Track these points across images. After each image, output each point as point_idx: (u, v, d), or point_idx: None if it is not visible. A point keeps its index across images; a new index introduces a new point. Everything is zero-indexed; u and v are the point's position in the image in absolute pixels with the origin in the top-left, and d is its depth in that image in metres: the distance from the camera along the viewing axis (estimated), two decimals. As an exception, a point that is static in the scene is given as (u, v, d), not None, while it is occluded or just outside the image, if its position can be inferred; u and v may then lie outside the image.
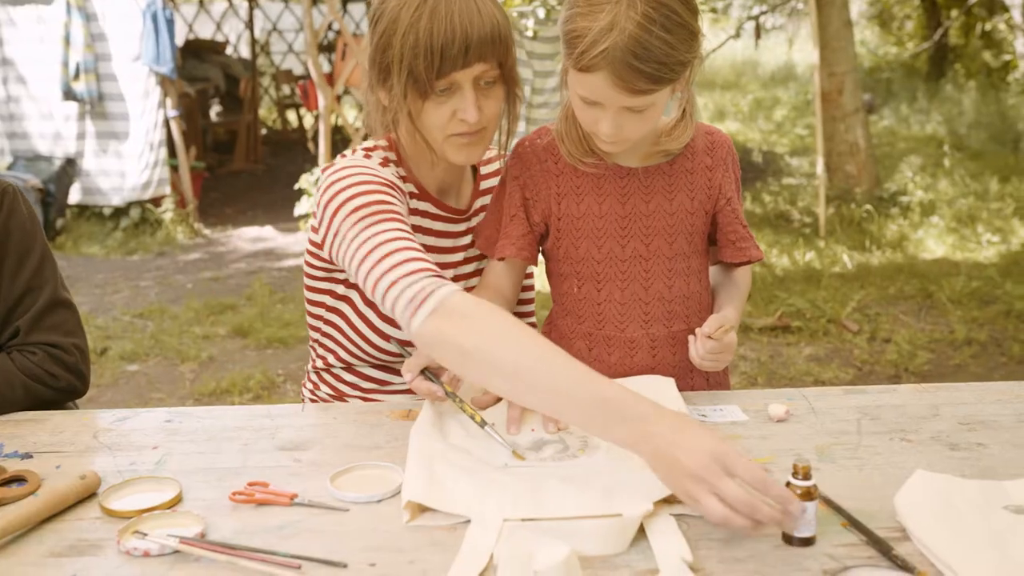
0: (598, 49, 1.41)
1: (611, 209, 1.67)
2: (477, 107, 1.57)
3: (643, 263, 1.68)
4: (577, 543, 1.18)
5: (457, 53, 1.51)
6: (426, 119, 1.59)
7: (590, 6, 1.43)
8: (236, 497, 1.33)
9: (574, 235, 1.69)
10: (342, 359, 1.81)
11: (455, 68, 1.53)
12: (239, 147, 10.22)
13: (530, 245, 1.73)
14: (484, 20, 1.53)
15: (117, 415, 1.67)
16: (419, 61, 1.52)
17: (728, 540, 1.21)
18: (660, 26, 1.41)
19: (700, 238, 1.71)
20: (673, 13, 1.43)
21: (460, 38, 1.51)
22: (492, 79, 1.59)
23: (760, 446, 1.49)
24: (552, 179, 1.70)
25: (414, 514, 1.28)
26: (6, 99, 7.78)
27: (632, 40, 1.40)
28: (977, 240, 6.66)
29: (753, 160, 9.97)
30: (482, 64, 1.55)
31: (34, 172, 7.34)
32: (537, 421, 1.56)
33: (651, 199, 1.67)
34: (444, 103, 1.57)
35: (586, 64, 1.43)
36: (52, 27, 7.38)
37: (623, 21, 1.40)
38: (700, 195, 1.69)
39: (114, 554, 1.21)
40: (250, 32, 11.72)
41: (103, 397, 4.33)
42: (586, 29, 1.42)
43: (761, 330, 4.99)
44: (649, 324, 1.70)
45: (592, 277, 1.70)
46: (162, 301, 5.83)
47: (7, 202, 1.74)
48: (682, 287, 1.70)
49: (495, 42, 1.55)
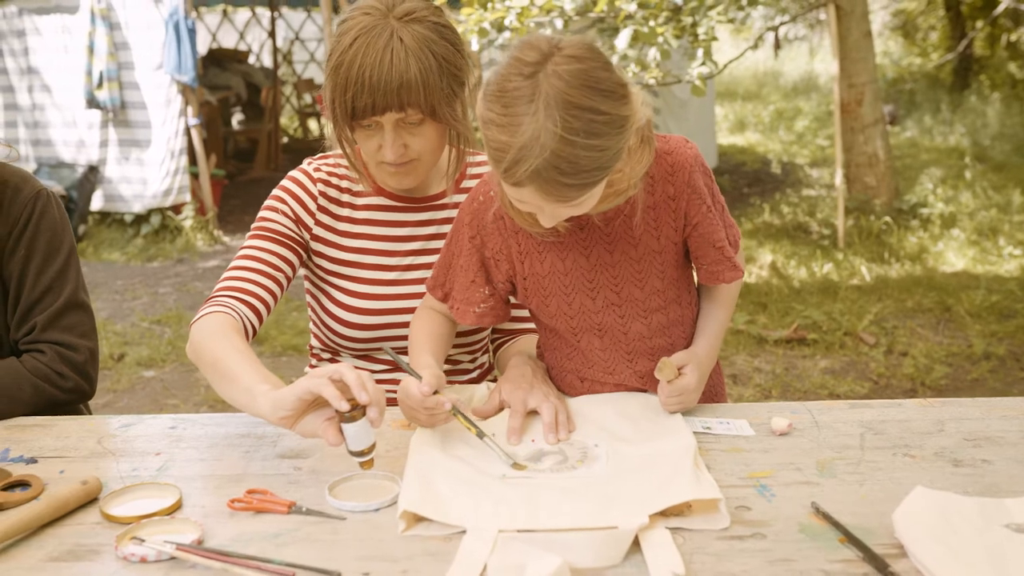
0: (522, 169, 1.31)
1: (575, 264, 1.59)
2: (400, 145, 1.66)
3: (617, 310, 1.62)
4: (572, 555, 1.18)
5: (365, 104, 1.61)
6: (361, 145, 1.71)
7: (507, 116, 1.31)
8: (234, 504, 1.34)
9: (542, 293, 1.63)
10: (324, 343, 1.89)
11: (367, 115, 1.62)
12: (260, 155, 10.29)
13: (494, 309, 1.68)
14: (394, 73, 1.59)
15: (123, 421, 1.68)
16: (337, 104, 1.64)
17: (722, 554, 1.21)
18: (584, 134, 1.30)
19: (673, 268, 1.63)
20: (596, 114, 1.31)
21: (368, 90, 1.60)
22: (416, 120, 1.65)
23: (761, 460, 1.48)
24: (511, 238, 1.62)
25: (410, 524, 1.29)
26: (31, 107, 7.89)
27: (555, 156, 1.29)
28: (998, 253, 6.60)
29: (772, 171, 9.93)
30: (394, 112, 1.61)
31: (57, 179, 7.43)
32: (537, 432, 1.57)
33: (615, 248, 1.58)
34: (371, 136, 1.68)
35: (511, 181, 1.34)
36: (77, 36, 7.48)
37: (543, 136, 1.28)
38: (666, 229, 1.58)
39: (111, 559, 1.22)
40: (272, 41, 11.81)
41: (119, 402, 4.37)
42: (506, 144, 1.31)
43: (777, 342, 4.96)
44: (634, 361, 1.66)
45: (568, 330, 1.66)
46: (180, 308, 5.87)
47: (40, 204, 1.82)
48: (661, 320, 1.65)
49: (404, 92, 1.60)
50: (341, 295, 1.83)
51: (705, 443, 1.53)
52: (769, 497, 1.36)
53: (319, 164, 1.86)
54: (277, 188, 1.84)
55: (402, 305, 1.82)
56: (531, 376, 1.68)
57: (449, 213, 1.85)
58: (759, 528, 1.27)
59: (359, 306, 1.82)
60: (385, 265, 1.83)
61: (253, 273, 1.73)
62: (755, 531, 1.27)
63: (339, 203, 1.84)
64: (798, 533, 1.26)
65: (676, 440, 1.50)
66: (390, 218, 1.85)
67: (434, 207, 1.86)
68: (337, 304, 1.83)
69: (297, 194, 1.82)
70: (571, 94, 1.30)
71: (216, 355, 1.56)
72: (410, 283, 1.84)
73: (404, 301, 1.83)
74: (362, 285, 1.82)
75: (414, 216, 1.85)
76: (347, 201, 1.84)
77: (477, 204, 1.64)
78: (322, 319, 1.87)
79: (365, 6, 1.64)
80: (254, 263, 1.75)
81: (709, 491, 1.31)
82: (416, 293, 1.83)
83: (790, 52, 20.49)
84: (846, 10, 7.02)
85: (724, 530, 1.27)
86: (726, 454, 1.50)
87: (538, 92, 1.30)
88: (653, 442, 1.51)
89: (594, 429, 1.57)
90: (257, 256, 1.76)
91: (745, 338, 4.92)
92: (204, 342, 1.59)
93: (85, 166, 7.61)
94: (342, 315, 1.82)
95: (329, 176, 1.84)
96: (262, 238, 1.78)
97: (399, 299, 1.83)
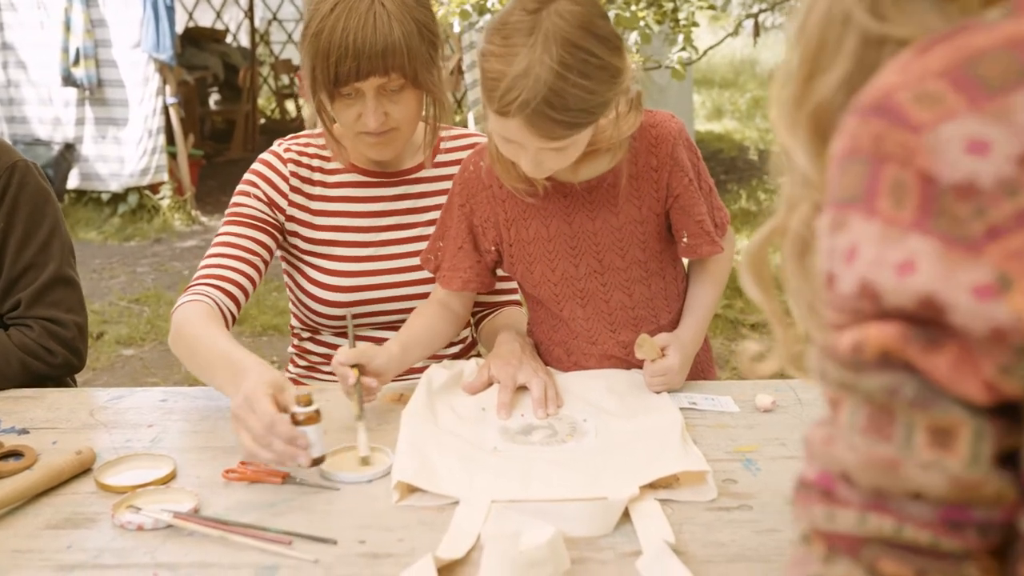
0: (512, 96, 1.36)
1: (559, 230, 1.63)
2: (381, 113, 1.66)
3: (599, 277, 1.66)
4: (563, 524, 1.20)
5: (349, 69, 1.60)
6: (338, 117, 1.70)
7: (505, 47, 1.38)
8: (229, 475, 1.36)
9: (527, 260, 1.67)
10: (304, 323, 1.90)
11: (349, 81, 1.61)
12: (237, 136, 10.21)
13: (479, 276, 1.71)
14: (378, 36, 1.59)
15: (113, 393, 1.69)
16: (319, 71, 1.63)
17: (711, 524, 1.24)
18: (577, 72, 1.36)
19: (656, 240, 1.66)
20: (591, 56, 1.37)
21: (352, 54, 1.59)
22: (397, 87, 1.65)
23: (747, 435, 1.51)
24: (499, 205, 1.66)
25: (403, 494, 1.31)
26: (6, 84, 7.77)
27: (547, 89, 1.35)
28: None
29: (750, 158, 9.99)
30: (378, 77, 1.61)
31: (32, 157, 7.22)
32: (527, 407, 1.59)
33: (596, 215, 1.62)
34: (351, 105, 1.67)
35: (499, 109, 1.39)
36: (52, 12, 7.37)
37: (538, 68, 1.35)
38: (648, 200, 1.62)
39: (108, 527, 1.23)
40: (250, 21, 11.71)
41: (99, 380, 4.35)
42: (501, 73, 1.37)
43: (753, 326, 5.02)
44: (617, 332, 1.69)
45: (552, 298, 1.69)
46: (158, 287, 5.84)
47: (17, 176, 1.78)
48: (643, 291, 1.68)
49: (388, 56, 1.60)
50: (317, 273, 1.84)
51: (691, 418, 1.56)
52: (755, 471, 1.39)
53: (289, 144, 1.86)
54: (248, 172, 1.84)
55: (379, 281, 1.84)
56: (520, 352, 1.70)
57: (424, 187, 1.86)
58: (745, 500, 1.30)
59: (335, 284, 1.83)
60: (360, 242, 1.84)
61: (229, 259, 1.74)
62: (742, 503, 1.30)
63: (311, 182, 1.84)
64: (784, 505, 1.28)
65: (663, 415, 1.53)
66: (364, 194, 1.85)
67: (407, 181, 1.87)
68: (313, 283, 1.84)
69: (268, 176, 1.82)
70: (570, 32, 1.37)
71: (196, 341, 1.57)
72: (386, 258, 1.85)
73: (380, 276, 1.84)
74: (337, 263, 1.83)
75: (388, 191, 1.86)
76: (319, 180, 1.85)
77: (468, 173, 1.68)
78: (300, 298, 1.88)
79: None
80: (230, 249, 1.75)
81: (697, 463, 1.34)
82: (393, 268, 1.84)
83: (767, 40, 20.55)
84: (826, -2, 7.06)
85: (711, 502, 1.29)
86: (712, 429, 1.53)
87: (538, 27, 1.37)
88: (640, 417, 1.54)
89: (582, 404, 1.60)
90: (232, 243, 1.76)
91: (722, 322, 4.97)
92: (183, 329, 1.60)
93: (61, 144, 7.52)
94: (319, 293, 1.83)
95: (300, 156, 1.84)
96: (236, 224, 1.79)
97: (375, 275, 1.84)
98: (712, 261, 1.74)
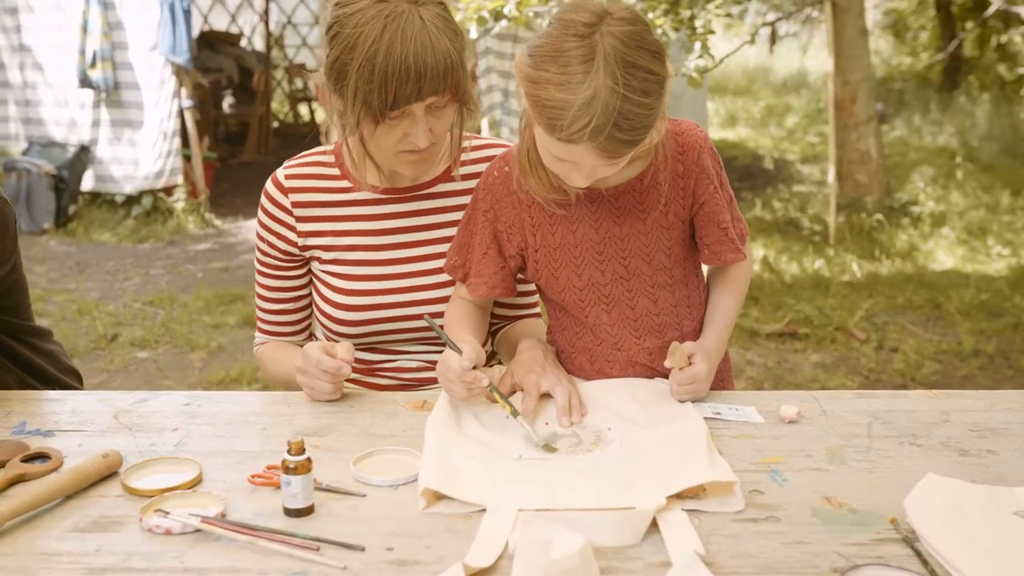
0: (579, 124, 1.36)
1: (585, 236, 1.64)
2: (428, 131, 1.63)
3: (625, 283, 1.66)
4: (590, 534, 1.19)
5: (411, 91, 1.56)
6: (377, 140, 1.66)
7: (563, 76, 1.37)
8: (255, 479, 1.36)
9: (552, 265, 1.67)
10: (326, 337, 1.89)
11: (408, 103, 1.58)
12: (250, 139, 10.24)
13: (504, 281, 1.71)
14: (438, 56, 1.56)
15: (136, 397, 1.69)
16: (373, 96, 1.57)
17: (739, 536, 1.23)
18: (639, 92, 1.37)
19: (681, 247, 1.67)
20: (649, 73, 1.39)
21: (414, 76, 1.55)
22: (443, 103, 1.63)
23: (772, 446, 1.50)
24: (524, 210, 1.66)
25: (430, 501, 1.30)
26: (23, 85, 7.82)
27: (615, 113, 1.36)
28: (987, 252, 6.66)
29: (764, 166, 9.97)
30: (434, 96, 1.59)
31: (48, 158, 7.37)
32: (551, 415, 1.58)
33: (623, 221, 1.62)
34: (396, 126, 1.63)
35: (566, 137, 1.38)
36: (70, 15, 7.41)
37: (603, 93, 1.35)
38: (675, 207, 1.63)
39: (136, 531, 1.23)
40: (265, 25, 11.75)
41: (113, 382, 4.37)
42: (564, 102, 1.36)
43: (768, 336, 5.00)
44: (642, 338, 1.69)
45: (577, 304, 1.69)
46: (172, 289, 5.86)
47: None
48: (668, 298, 1.68)
49: (448, 75, 1.58)
50: (332, 293, 1.83)
51: (715, 428, 1.55)
52: (781, 482, 1.38)
53: (294, 168, 1.83)
54: (259, 211, 1.86)
55: (395, 300, 1.82)
56: (543, 359, 1.69)
57: (440, 202, 1.84)
58: (773, 511, 1.30)
59: (351, 303, 1.81)
60: (376, 260, 1.82)
61: (275, 313, 1.91)
62: (769, 514, 1.29)
63: (319, 204, 1.82)
64: (811, 517, 1.28)
65: (687, 424, 1.52)
66: (379, 211, 1.82)
67: (423, 196, 1.84)
68: (328, 301, 1.83)
69: (272, 213, 1.83)
70: (628, 53, 1.38)
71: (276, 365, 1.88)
72: (403, 276, 1.83)
73: (397, 296, 1.82)
74: (352, 282, 1.81)
75: (404, 207, 1.83)
76: (328, 200, 1.82)
77: (492, 179, 1.69)
78: (321, 312, 1.86)
79: None
80: (270, 304, 1.90)
81: (724, 474, 1.34)
82: (410, 287, 1.82)
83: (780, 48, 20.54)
84: (842, 7, 7.05)
85: (738, 513, 1.29)
86: (737, 440, 1.52)
87: (596, 51, 1.37)
88: (665, 426, 1.53)
89: (606, 413, 1.59)
90: (268, 296, 1.90)
91: (737, 331, 4.95)
92: (268, 366, 1.92)
93: (76, 146, 7.55)
94: (334, 313, 1.82)
95: (305, 179, 1.82)
96: (264, 274, 1.89)
97: (392, 293, 1.82)
98: (733, 270, 1.74)
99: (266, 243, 1.84)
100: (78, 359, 4.59)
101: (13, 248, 1.81)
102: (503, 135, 7.13)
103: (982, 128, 11.24)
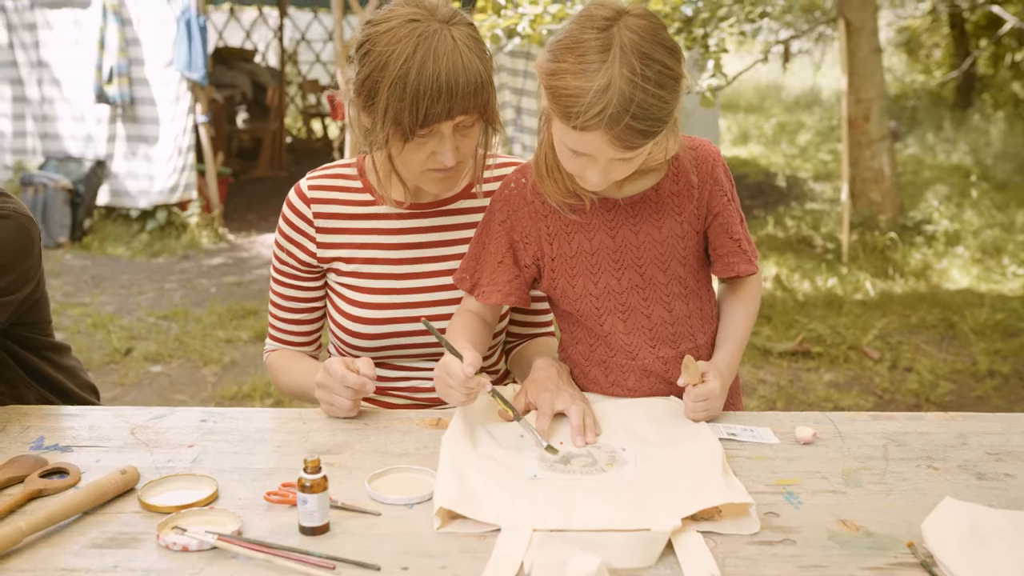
0: (595, 111, 1.40)
1: (602, 244, 1.66)
2: (455, 149, 1.64)
3: (640, 292, 1.68)
4: (607, 555, 1.19)
5: (441, 110, 1.58)
6: (405, 157, 1.67)
7: (581, 64, 1.42)
8: (271, 497, 1.36)
9: (569, 274, 1.69)
10: (340, 350, 1.89)
11: (438, 121, 1.59)
12: (264, 154, 10.30)
13: (518, 290, 1.72)
14: (469, 76, 1.58)
15: (153, 412, 1.70)
16: (404, 114, 1.59)
17: (754, 559, 1.23)
18: (654, 83, 1.41)
19: (695, 258, 1.70)
20: (664, 67, 1.43)
21: (446, 95, 1.57)
22: (471, 123, 1.65)
23: (787, 467, 1.50)
24: (541, 220, 1.68)
25: (445, 521, 1.30)
26: (40, 100, 7.90)
27: (629, 101, 1.40)
28: (1002, 272, 6.63)
29: (776, 184, 9.97)
30: (464, 115, 1.61)
31: (64, 173, 7.45)
32: (565, 434, 1.58)
33: (640, 229, 1.65)
34: (424, 144, 1.64)
35: (582, 125, 1.42)
36: (88, 31, 7.50)
37: (619, 81, 1.40)
38: (689, 217, 1.66)
39: (153, 548, 1.24)
40: (279, 41, 11.84)
41: (127, 396, 4.38)
42: (580, 90, 1.40)
43: (781, 354, 4.99)
44: (657, 347, 1.70)
45: (592, 312, 1.70)
46: (186, 304, 5.89)
47: None
48: (682, 308, 1.70)
49: (478, 95, 1.60)
50: (349, 306, 1.83)
51: (730, 449, 1.55)
52: (796, 504, 1.38)
53: (318, 179, 1.85)
54: (280, 219, 1.87)
55: (411, 313, 1.82)
56: (556, 378, 1.69)
57: (459, 219, 1.85)
58: (788, 534, 1.29)
59: (367, 316, 1.82)
60: (393, 274, 1.83)
61: (288, 322, 1.92)
62: (785, 537, 1.29)
63: (339, 216, 1.83)
64: (827, 540, 1.28)
65: (702, 445, 1.52)
66: (398, 225, 1.84)
67: (443, 212, 1.85)
68: (344, 314, 1.84)
69: (293, 222, 1.84)
70: (643, 45, 1.43)
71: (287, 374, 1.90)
72: (420, 291, 1.83)
73: (412, 310, 1.82)
74: (369, 295, 1.82)
75: (423, 222, 1.84)
76: (349, 212, 1.83)
77: (508, 191, 1.71)
78: (335, 325, 1.87)
79: (406, 12, 1.61)
80: (283, 312, 1.92)
81: (740, 496, 1.33)
82: (426, 301, 1.83)
83: (793, 66, 20.56)
84: (856, 25, 7.06)
85: (754, 535, 1.29)
86: (752, 461, 1.52)
87: (613, 42, 1.42)
88: (679, 446, 1.53)
89: (621, 432, 1.59)
90: (282, 305, 1.91)
91: (750, 349, 4.94)
92: (278, 375, 1.94)
93: (92, 160, 7.63)
94: (350, 325, 1.83)
95: (328, 190, 1.84)
96: (280, 283, 1.90)
97: (408, 307, 1.82)
98: (745, 288, 1.76)
99: (285, 252, 1.86)
100: (93, 372, 4.60)
101: (38, 266, 1.83)
102: (515, 152, 7.15)
103: (996, 146, 11.21)
